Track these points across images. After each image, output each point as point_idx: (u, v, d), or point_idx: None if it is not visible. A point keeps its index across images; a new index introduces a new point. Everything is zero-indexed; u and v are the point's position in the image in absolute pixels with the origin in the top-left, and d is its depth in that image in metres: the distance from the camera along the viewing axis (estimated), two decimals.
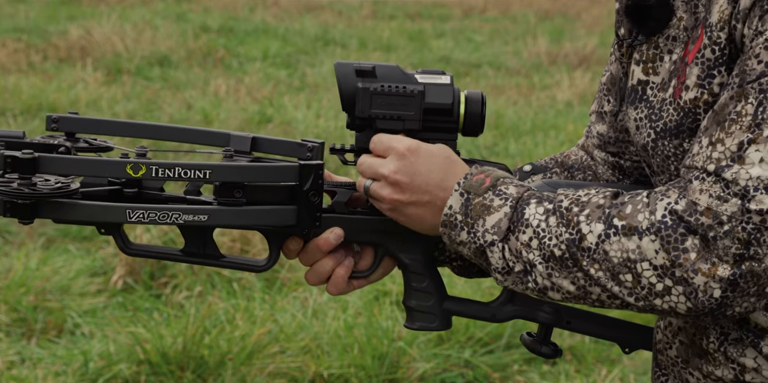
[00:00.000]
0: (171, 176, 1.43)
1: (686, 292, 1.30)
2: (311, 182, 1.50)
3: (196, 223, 1.45)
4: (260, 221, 1.50)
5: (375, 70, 1.51)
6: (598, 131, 1.70)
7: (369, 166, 1.50)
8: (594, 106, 1.71)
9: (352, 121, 1.54)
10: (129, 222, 1.43)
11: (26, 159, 1.38)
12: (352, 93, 1.51)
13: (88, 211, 1.43)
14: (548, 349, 1.62)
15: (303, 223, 1.52)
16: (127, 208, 1.43)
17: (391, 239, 1.57)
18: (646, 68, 1.47)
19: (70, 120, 1.63)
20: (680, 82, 1.40)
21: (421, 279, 1.59)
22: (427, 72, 1.53)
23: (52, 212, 1.42)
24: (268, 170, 1.49)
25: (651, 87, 1.46)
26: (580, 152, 1.76)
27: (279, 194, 1.51)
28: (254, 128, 7.86)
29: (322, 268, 1.57)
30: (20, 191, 1.39)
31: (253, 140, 1.62)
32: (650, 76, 1.47)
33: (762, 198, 1.27)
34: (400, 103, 1.51)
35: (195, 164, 1.44)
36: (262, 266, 1.56)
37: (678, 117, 1.40)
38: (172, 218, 1.44)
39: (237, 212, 1.48)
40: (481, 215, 1.42)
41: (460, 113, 1.52)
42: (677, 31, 1.43)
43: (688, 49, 1.40)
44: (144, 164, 1.42)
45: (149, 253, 1.58)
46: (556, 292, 1.39)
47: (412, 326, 1.60)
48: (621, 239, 1.32)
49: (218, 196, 1.49)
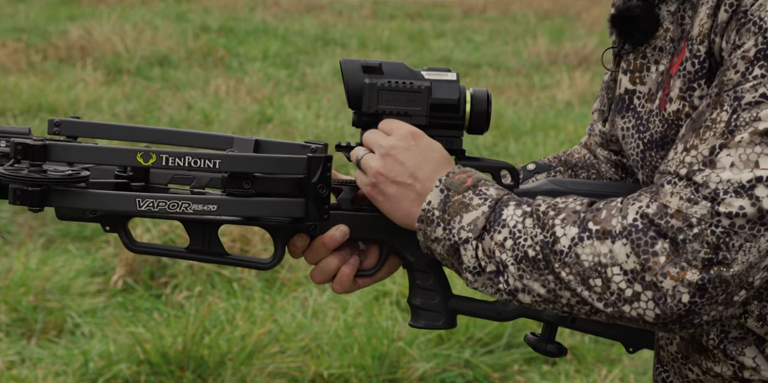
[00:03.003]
0: (181, 165, 1.43)
1: (655, 297, 1.30)
2: (319, 175, 1.50)
3: (205, 213, 1.46)
4: (269, 213, 1.50)
5: (382, 66, 1.52)
6: (600, 129, 1.71)
7: (370, 136, 1.51)
8: (596, 104, 1.72)
9: (358, 117, 1.54)
10: (139, 211, 1.43)
11: (37, 146, 1.39)
12: (359, 89, 1.52)
13: (97, 199, 1.43)
14: (553, 347, 1.62)
15: (311, 216, 1.52)
16: (137, 197, 1.43)
17: (396, 236, 1.57)
18: (633, 77, 1.48)
19: (72, 124, 1.64)
20: (665, 94, 1.41)
21: (426, 277, 1.59)
22: (433, 69, 1.54)
23: (62, 200, 1.42)
24: (277, 160, 1.49)
25: (638, 97, 1.47)
26: (583, 150, 1.76)
27: (287, 187, 1.51)
28: (254, 128, 7.86)
29: (328, 266, 1.57)
30: (31, 177, 1.39)
31: (256, 142, 1.63)
32: (637, 86, 1.47)
33: (731, 201, 1.27)
34: (407, 98, 1.51)
35: (205, 153, 1.44)
36: (268, 264, 1.56)
37: (663, 129, 1.41)
38: (182, 207, 1.44)
39: (246, 203, 1.48)
40: (459, 212, 1.42)
41: (466, 109, 1.53)
42: (664, 41, 1.44)
43: (673, 61, 1.41)
44: (154, 152, 1.42)
45: (155, 250, 1.58)
46: (526, 294, 1.38)
47: (417, 324, 1.60)
48: (594, 242, 1.32)
49: (227, 187, 1.49)
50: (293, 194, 1.51)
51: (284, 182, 1.51)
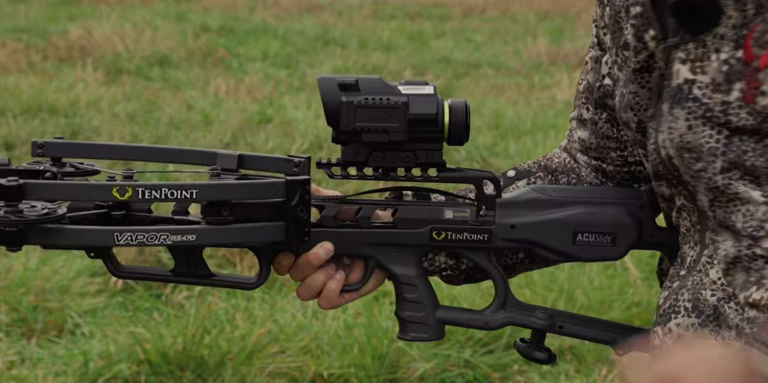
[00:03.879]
0: (158, 197, 1.43)
1: None
2: (298, 198, 1.50)
3: (184, 243, 1.45)
4: (249, 239, 1.50)
5: (358, 83, 1.51)
6: (579, 136, 1.70)
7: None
8: (574, 113, 1.71)
9: (337, 135, 1.53)
10: (117, 245, 1.43)
11: (12, 186, 1.37)
12: (336, 107, 1.51)
13: (75, 236, 1.43)
14: (542, 354, 1.62)
15: (291, 239, 1.51)
16: (115, 231, 1.43)
17: (381, 251, 1.58)
18: (693, 67, 1.45)
19: (55, 145, 1.63)
20: (752, 87, 1.38)
21: (412, 290, 1.59)
22: (410, 83, 1.53)
23: (40, 238, 1.42)
24: (255, 187, 1.48)
25: (699, 86, 1.45)
26: (563, 154, 1.75)
27: (266, 211, 1.51)
28: (254, 128, 7.86)
29: (314, 282, 1.57)
30: (7, 218, 1.38)
31: (240, 157, 1.62)
32: (697, 76, 1.45)
33: None
34: (385, 115, 1.51)
35: (181, 184, 1.44)
36: (253, 284, 1.56)
37: (756, 122, 1.39)
38: (160, 239, 1.44)
39: (225, 231, 1.48)
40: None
41: (444, 122, 1.52)
42: (726, 29, 1.42)
43: (752, 51, 1.40)
44: (130, 186, 1.41)
45: (139, 275, 1.58)
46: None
47: (405, 337, 1.60)
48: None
49: (205, 215, 1.48)
50: (273, 217, 1.51)
51: (263, 207, 1.51)
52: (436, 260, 1.64)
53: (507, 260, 1.67)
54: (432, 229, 1.57)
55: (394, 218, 1.58)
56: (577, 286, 4.66)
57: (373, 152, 1.54)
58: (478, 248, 1.59)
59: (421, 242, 1.58)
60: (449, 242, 1.58)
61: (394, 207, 1.59)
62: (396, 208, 1.58)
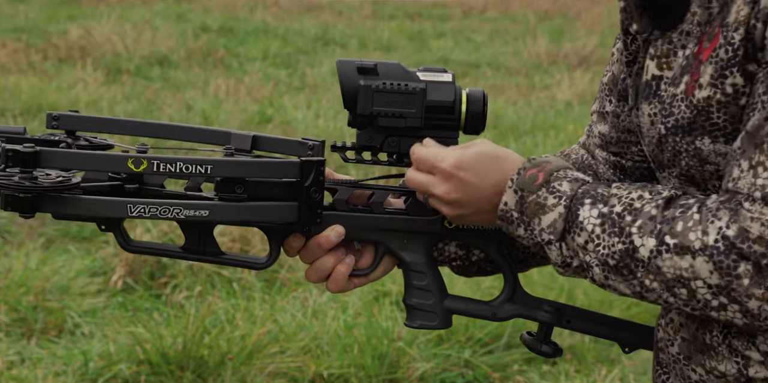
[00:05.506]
0: (172, 171, 1.43)
1: (741, 310, 1.32)
2: (312, 179, 1.49)
3: (197, 218, 1.45)
4: (261, 217, 1.50)
5: (377, 67, 1.51)
6: (599, 130, 1.69)
7: (419, 185, 1.50)
8: (595, 106, 1.70)
9: (353, 118, 1.53)
10: (130, 217, 1.43)
11: (28, 153, 1.38)
12: (353, 91, 1.51)
13: (89, 205, 1.43)
14: (548, 348, 1.62)
15: (304, 220, 1.51)
16: (129, 202, 1.43)
17: (391, 237, 1.57)
18: (660, 63, 1.46)
19: (71, 118, 1.63)
20: (693, 80, 1.39)
21: (421, 278, 1.59)
22: (429, 70, 1.53)
23: (53, 206, 1.42)
24: (270, 165, 1.48)
25: (665, 82, 1.45)
26: (581, 150, 1.75)
27: (280, 191, 1.50)
28: (254, 129, 7.86)
29: (323, 265, 1.57)
30: (22, 184, 1.38)
31: (254, 138, 1.62)
32: (664, 71, 1.46)
33: None
34: (402, 100, 1.51)
35: (196, 159, 1.44)
36: (263, 264, 1.56)
37: (691, 115, 1.40)
38: (173, 213, 1.44)
39: (238, 208, 1.48)
40: (536, 214, 1.42)
41: (461, 110, 1.52)
42: (691, 25, 1.42)
43: (702, 45, 1.40)
44: (145, 158, 1.42)
45: (149, 250, 1.58)
46: (614, 290, 1.41)
47: (412, 324, 1.60)
48: (673, 257, 1.33)
49: (219, 191, 1.48)
50: (286, 197, 1.51)
51: (277, 186, 1.50)
52: (446, 249, 1.64)
53: (519, 254, 1.67)
54: (444, 217, 1.57)
55: (406, 205, 1.58)
56: (577, 285, 4.66)
57: (389, 137, 1.54)
58: (489, 239, 1.59)
59: (432, 229, 1.58)
60: (460, 231, 1.58)
61: (407, 194, 1.59)
62: (409, 195, 1.58)
